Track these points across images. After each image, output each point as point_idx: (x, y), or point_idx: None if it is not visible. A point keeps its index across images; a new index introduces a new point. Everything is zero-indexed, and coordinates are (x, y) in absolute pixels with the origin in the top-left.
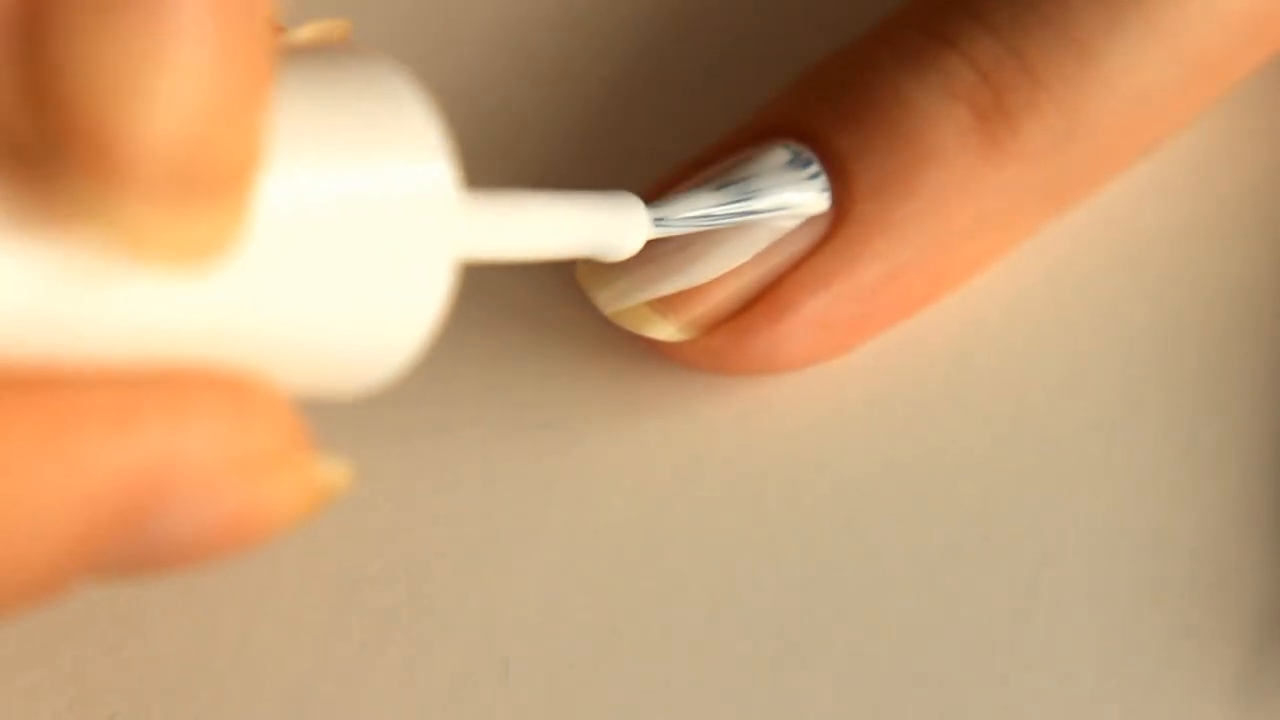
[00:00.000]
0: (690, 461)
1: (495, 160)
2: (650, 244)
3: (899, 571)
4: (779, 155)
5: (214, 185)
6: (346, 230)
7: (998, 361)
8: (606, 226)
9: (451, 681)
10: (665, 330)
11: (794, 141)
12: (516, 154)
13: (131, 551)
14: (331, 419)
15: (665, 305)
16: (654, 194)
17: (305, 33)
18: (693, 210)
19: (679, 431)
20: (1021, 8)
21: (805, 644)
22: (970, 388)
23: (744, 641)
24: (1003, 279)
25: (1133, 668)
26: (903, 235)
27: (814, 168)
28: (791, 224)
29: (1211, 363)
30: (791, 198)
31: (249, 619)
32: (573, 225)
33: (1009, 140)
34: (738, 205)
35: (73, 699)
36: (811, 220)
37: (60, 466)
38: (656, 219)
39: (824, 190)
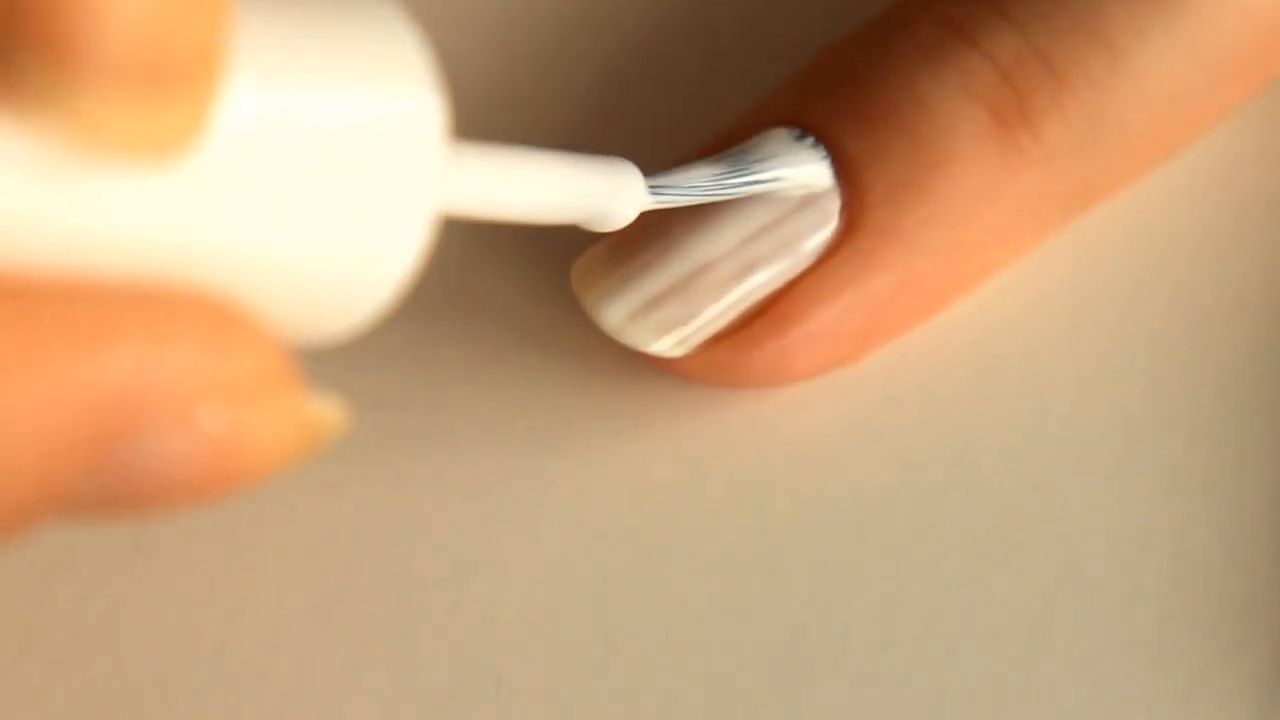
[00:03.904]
0: (691, 468)
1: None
2: (637, 239)
3: (913, 583)
4: (781, 132)
5: (175, 75)
6: (323, 152)
7: (1017, 363)
8: (600, 190)
9: (441, 698)
10: (666, 344)
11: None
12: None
13: (105, 483)
14: None
15: (665, 319)
16: None
17: None
18: (691, 181)
19: (679, 437)
20: (1047, 2)
21: (813, 658)
22: (989, 391)
23: (748, 659)
24: (1023, 277)
25: (1158, 681)
26: (915, 244)
27: (812, 140)
28: (795, 194)
29: (1239, 364)
30: (792, 170)
31: (226, 632)
32: (564, 184)
33: (1029, 145)
34: (737, 177)
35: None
36: (820, 226)
37: (29, 384)
38: (653, 187)
39: (825, 161)
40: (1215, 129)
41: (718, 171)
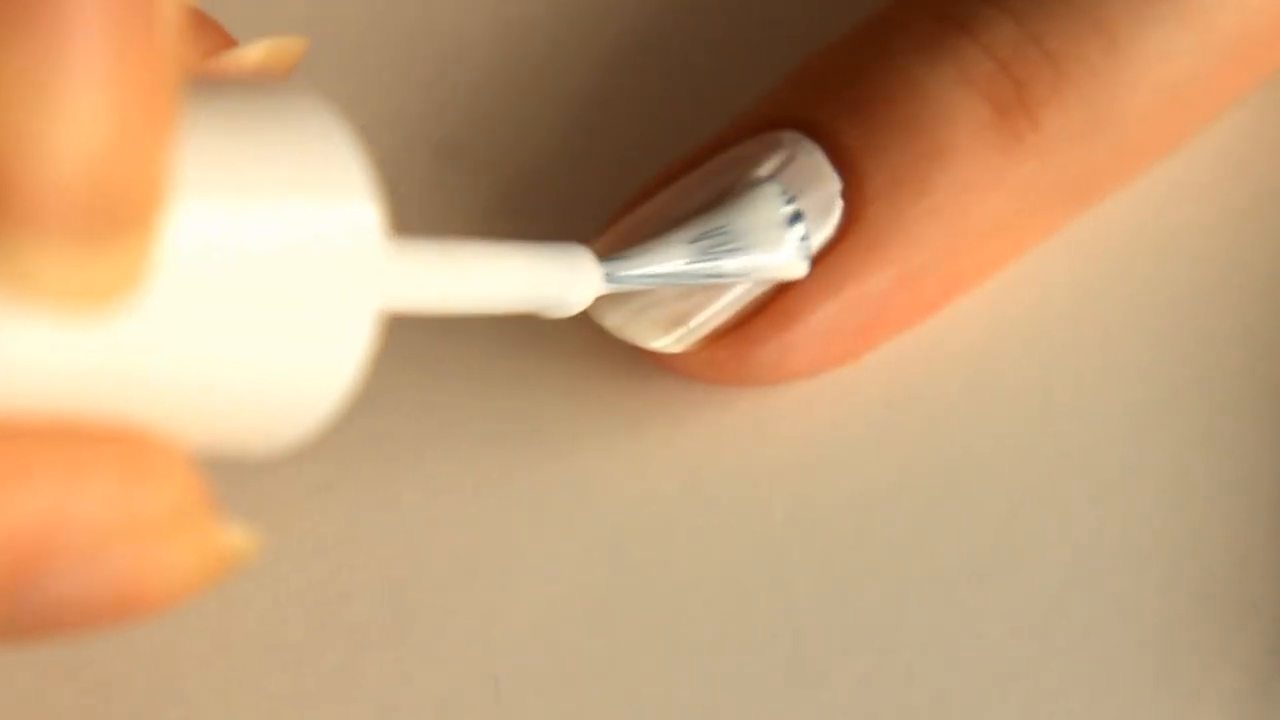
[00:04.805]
0: (691, 469)
1: (481, 159)
2: (635, 236)
3: (916, 585)
4: (769, 209)
5: (115, 224)
6: (260, 275)
7: (1021, 363)
8: (550, 281)
9: (438, 702)
10: (666, 341)
11: (799, 133)
12: (502, 151)
13: (12, 615)
14: None
15: (665, 315)
16: (641, 198)
17: (255, 52)
18: (650, 268)
19: (679, 438)
20: None
21: (815, 660)
22: (992, 391)
23: (749, 664)
24: (1026, 275)
25: (1166, 688)
26: (916, 237)
27: (801, 228)
28: (763, 284)
29: (1242, 363)
30: (764, 261)
31: (219, 638)
32: (511, 278)
33: (1029, 134)
34: (703, 263)
35: None
36: (822, 222)
37: None
38: (608, 274)
39: (805, 257)
40: (1217, 125)
41: (683, 256)
